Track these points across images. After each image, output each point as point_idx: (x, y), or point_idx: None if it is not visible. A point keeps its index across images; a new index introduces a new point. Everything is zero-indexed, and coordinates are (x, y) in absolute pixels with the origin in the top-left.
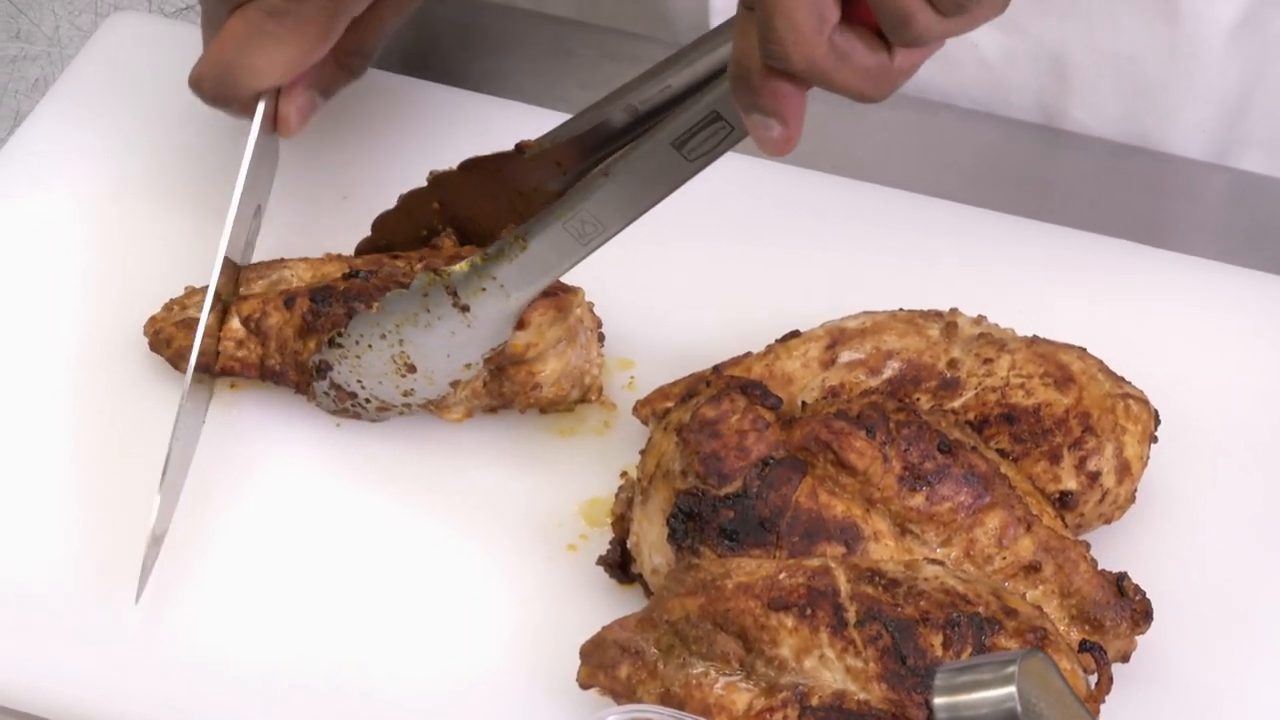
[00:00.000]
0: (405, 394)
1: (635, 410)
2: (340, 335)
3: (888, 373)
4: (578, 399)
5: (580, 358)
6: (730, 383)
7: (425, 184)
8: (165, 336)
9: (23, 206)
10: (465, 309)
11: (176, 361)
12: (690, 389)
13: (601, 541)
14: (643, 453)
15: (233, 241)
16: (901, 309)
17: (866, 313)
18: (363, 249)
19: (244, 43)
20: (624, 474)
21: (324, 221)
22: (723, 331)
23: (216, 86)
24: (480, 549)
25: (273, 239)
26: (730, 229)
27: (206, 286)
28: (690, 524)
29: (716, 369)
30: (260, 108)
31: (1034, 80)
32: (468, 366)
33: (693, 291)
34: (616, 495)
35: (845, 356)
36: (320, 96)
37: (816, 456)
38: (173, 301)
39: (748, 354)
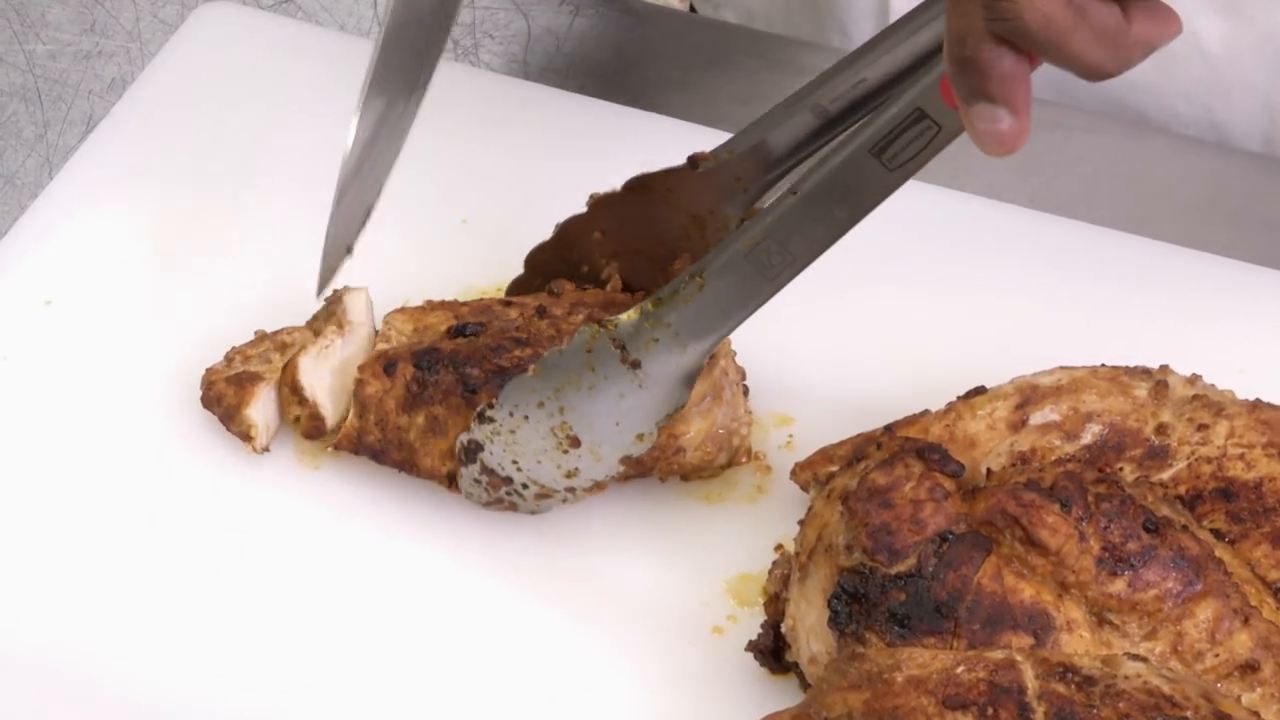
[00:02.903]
0: (568, 474)
1: (794, 474)
2: (491, 408)
3: (1087, 438)
4: (724, 464)
5: (727, 416)
6: (905, 445)
7: (584, 209)
8: (216, 393)
9: (94, 221)
10: (636, 365)
11: (226, 422)
12: (858, 451)
13: (752, 624)
14: (801, 523)
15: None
16: (1103, 365)
17: (1063, 368)
18: (515, 289)
19: None
20: (779, 547)
21: (437, 248)
22: (896, 385)
23: None
24: (613, 631)
25: (379, 267)
26: (907, 267)
27: (275, 332)
28: (855, 606)
29: (889, 429)
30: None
31: (1260, 76)
32: (640, 438)
33: (862, 339)
34: (770, 572)
35: (1037, 418)
36: None
37: (1003, 532)
38: (234, 351)
39: (925, 412)
